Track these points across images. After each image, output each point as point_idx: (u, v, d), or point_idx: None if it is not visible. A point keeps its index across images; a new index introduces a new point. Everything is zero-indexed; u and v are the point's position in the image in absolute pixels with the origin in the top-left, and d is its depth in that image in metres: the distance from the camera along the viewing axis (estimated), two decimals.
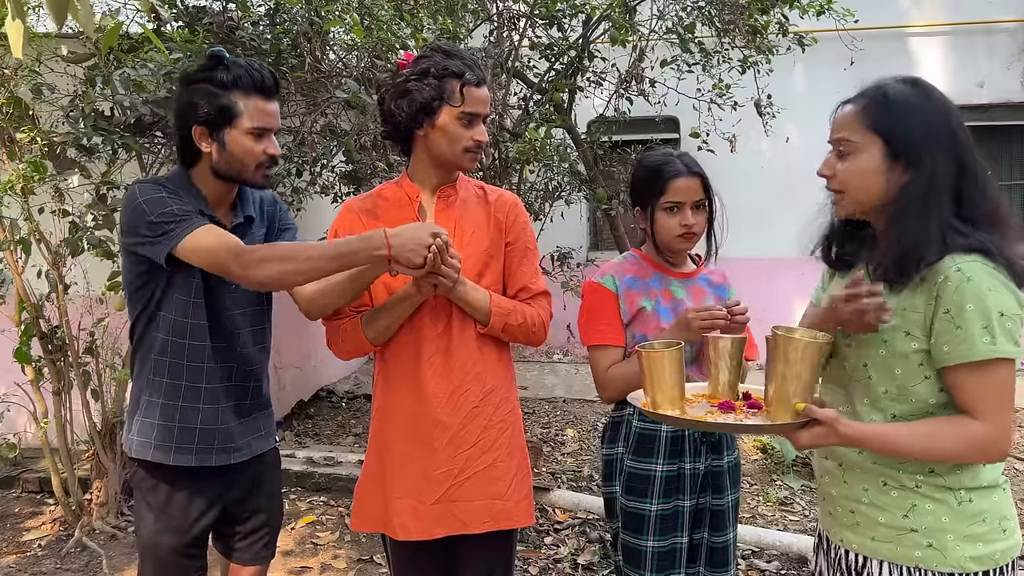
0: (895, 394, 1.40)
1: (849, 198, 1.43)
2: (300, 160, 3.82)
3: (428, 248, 1.63)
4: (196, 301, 1.85)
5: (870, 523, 1.44)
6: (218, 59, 1.79)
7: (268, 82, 1.81)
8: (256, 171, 1.83)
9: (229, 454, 1.93)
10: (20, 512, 3.99)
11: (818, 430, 1.34)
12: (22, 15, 1.49)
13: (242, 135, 1.79)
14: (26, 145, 3.27)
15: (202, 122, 1.78)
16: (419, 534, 1.84)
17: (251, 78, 1.78)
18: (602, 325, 2.01)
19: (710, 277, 2.08)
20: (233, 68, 1.78)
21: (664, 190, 1.94)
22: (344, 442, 4.96)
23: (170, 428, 1.87)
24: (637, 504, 1.99)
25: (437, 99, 1.79)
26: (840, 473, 1.49)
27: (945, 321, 1.32)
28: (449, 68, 1.79)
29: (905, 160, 1.36)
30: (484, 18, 4.47)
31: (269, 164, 1.85)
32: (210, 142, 1.80)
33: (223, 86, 1.77)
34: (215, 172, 1.84)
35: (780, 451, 4.45)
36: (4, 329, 3.74)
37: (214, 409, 1.90)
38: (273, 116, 1.83)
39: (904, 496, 1.41)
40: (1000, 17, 6.65)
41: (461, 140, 1.82)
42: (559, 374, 6.76)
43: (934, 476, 1.39)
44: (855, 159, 1.40)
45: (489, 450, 1.87)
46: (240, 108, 1.77)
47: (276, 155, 1.85)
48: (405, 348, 1.87)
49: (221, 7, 3.65)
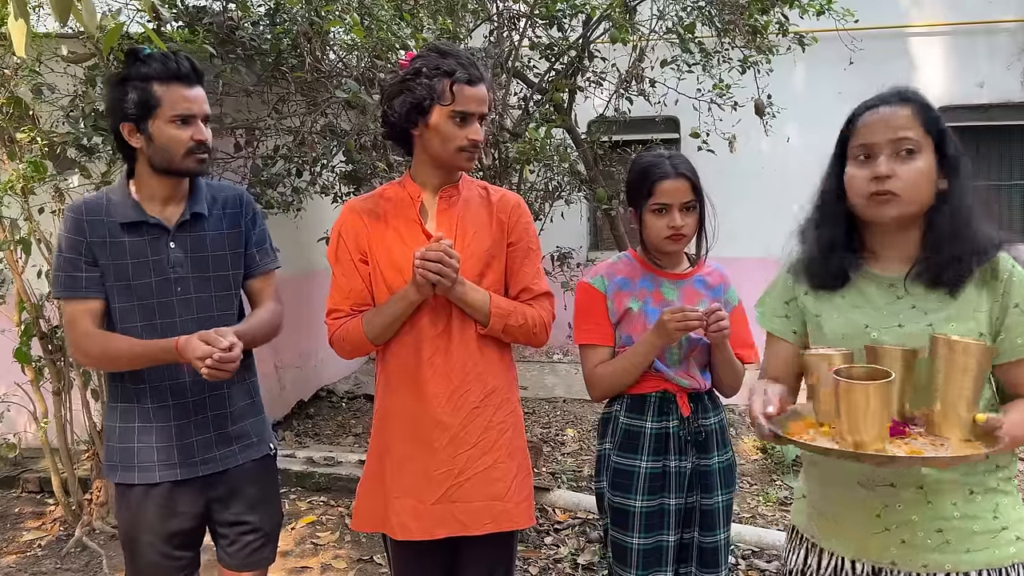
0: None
1: (906, 200, 1.38)
2: (300, 160, 3.82)
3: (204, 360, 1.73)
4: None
5: (963, 536, 1.40)
6: (134, 54, 1.83)
7: (184, 69, 1.83)
8: (186, 158, 1.85)
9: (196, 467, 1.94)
10: (20, 512, 3.98)
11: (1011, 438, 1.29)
12: (25, 15, 1.49)
13: (165, 124, 1.82)
14: (26, 145, 3.27)
15: (127, 118, 1.82)
16: (419, 534, 1.84)
17: (166, 68, 1.81)
18: (590, 324, 2.04)
19: (706, 279, 2.07)
20: (149, 61, 1.81)
21: (652, 191, 1.94)
22: (344, 442, 4.96)
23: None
24: (622, 500, 2.01)
25: (428, 98, 1.79)
26: (922, 496, 1.42)
27: (1016, 315, 1.37)
28: (440, 67, 1.79)
29: (948, 165, 1.40)
30: (484, 18, 4.47)
31: (199, 150, 1.86)
32: (138, 136, 1.84)
33: (141, 79, 1.80)
34: (151, 165, 1.87)
35: (780, 451, 4.45)
36: (4, 329, 3.74)
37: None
38: (194, 102, 1.85)
39: (989, 497, 1.42)
40: (1000, 17, 6.65)
41: (454, 139, 1.82)
42: (559, 374, 6.76)
43: (1001, 470, 1.43)
44: (917, 159, 1.38)
45: (489, 451, 1.87)
46: (159, 98, 1.80)
47: (204, 140, 1.86)
48: (405, 348, 1.86)
49: (221, 7, 3.65)
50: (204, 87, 1.90)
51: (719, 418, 2.07)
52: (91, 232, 1.85)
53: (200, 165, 1.88)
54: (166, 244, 1.89)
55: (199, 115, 1.85)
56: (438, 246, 1.72)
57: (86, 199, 1.92)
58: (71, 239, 1.85)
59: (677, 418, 1.99)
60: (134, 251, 1.86)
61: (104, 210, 1.87)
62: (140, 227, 1.87)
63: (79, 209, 1.88)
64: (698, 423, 2.01)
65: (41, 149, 3.19)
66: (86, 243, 1.85)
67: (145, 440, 1.90)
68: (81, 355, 1.91)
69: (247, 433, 2.02)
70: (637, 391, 2.02)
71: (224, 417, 1.97)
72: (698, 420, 2.01)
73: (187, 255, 1.91)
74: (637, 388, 2.02)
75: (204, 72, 1.91)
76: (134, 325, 1.86)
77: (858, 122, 1.44)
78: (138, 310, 1.87)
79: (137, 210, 1.87)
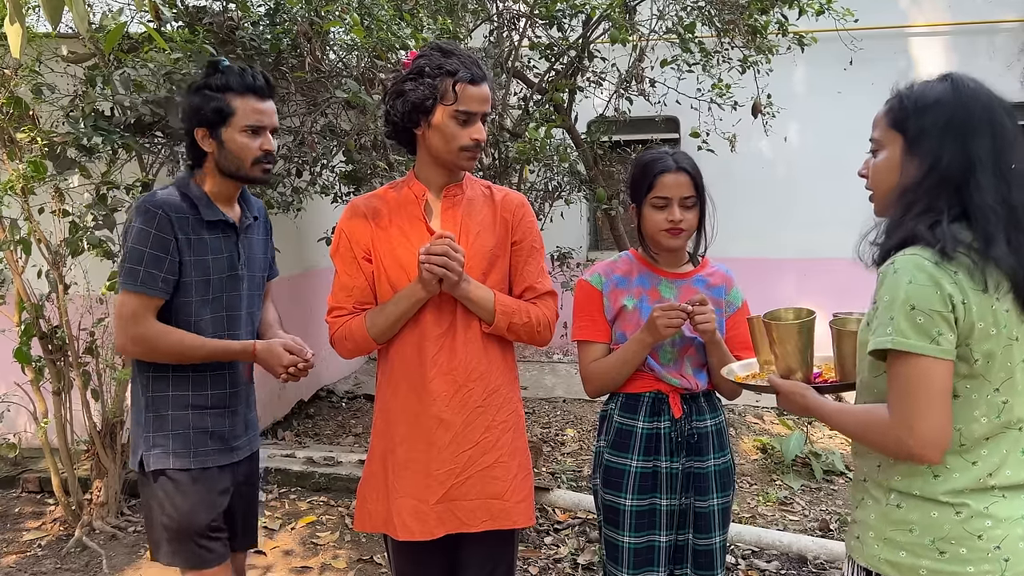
0: (863, 386, 1.45)
1: (876, 194, 1.46)
2: (300, 160, 3.82)
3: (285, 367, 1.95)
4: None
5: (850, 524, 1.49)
6: (214, 66, 1.97)
7: (259, 83, 1.97)
8: (253, 166, 1.98)
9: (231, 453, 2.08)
10: (20, 512, 3.98)
11: (785, 391, 1.54)
12: (21, 17, 1.50)
13: (237, 132, 1.94)
14: (26, 145, 3.27)
15: (202, 123, 1.94)
16: (421, 534, 1.84)
17: (243, 80, 1.94)
18: (586, 321, 2.05)
19: (708, 278, 2.07)
20: (227, 72, 1.95)
21: (652, 185, 1.95)
22: (344, 442, 4.97)
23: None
24: (613, 498, 2.02)
25: (431, 98, 1.80)
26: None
27: (875, 311, 1.34)
28: (443, 66, 1.80)
29: (920, 152, 1.36)
30: (484, 18, 4.47)
31: (266, 159, 1.98)
32: (211, 141, 1.95)
33: (219, 89, 1.93)
34: (219, 169, 1.98)
35: (780, 451, 4.45)
36: (4, 329, 3.74)
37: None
38: (265, 114, 1.98)
39: (857, 489, 1.47)
40: (1000, 17, 6.65)
41: (457, 138, 1.82)
42: (559, 374, 6.76)
43: (878, 472, 1.41)
44: (878, 157, 1.44)
45: (491, 450, 1.87)
46: (234, 108, 1.93)
47: (271, 150, 1.99)
48: (409, 346, 1.87)
49: (221, 7, 3.65)
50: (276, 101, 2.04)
51: (716, 421, 2.05)
52: (180, 230, 1.92)
53: (265, 174, 2.02)
54: (236, 243, 2.02)
55: (269, 127, 1.98)
56: (442, 241, 1.73)
57: (162, 196, 1.97)
58: (159, 236, 1.90)
59: (668, 419, 1.99)
60: (215, 247, 1.98)
61: (185, 208, 1.95)
62: (219, 225, 1.98)
63: (163, 205, 1.92)
64: (691, 425, 2.00)
65: (41, 149, 3.19)
66: (175, 241, 1.91)
67: (200, 425, 2.00)
68: (143, 348, 1.93)
69: (256, 423, 2.18)
70: (631, 390, 2.02)
71: (249, 406, 2.13)
72: (691, 422, 2.00)
73: (246, 255, 2.05)
74: (631, 387, 2.02)
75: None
76: (204, 318, 1.98)
77: None
78: (211, 303, 1.98)
79: (215, 209, 1.98)
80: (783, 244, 6.77)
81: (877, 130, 1.44)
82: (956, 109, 1.34)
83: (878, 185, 1.45)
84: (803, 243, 6.69)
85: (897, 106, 1.41)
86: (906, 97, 1.40)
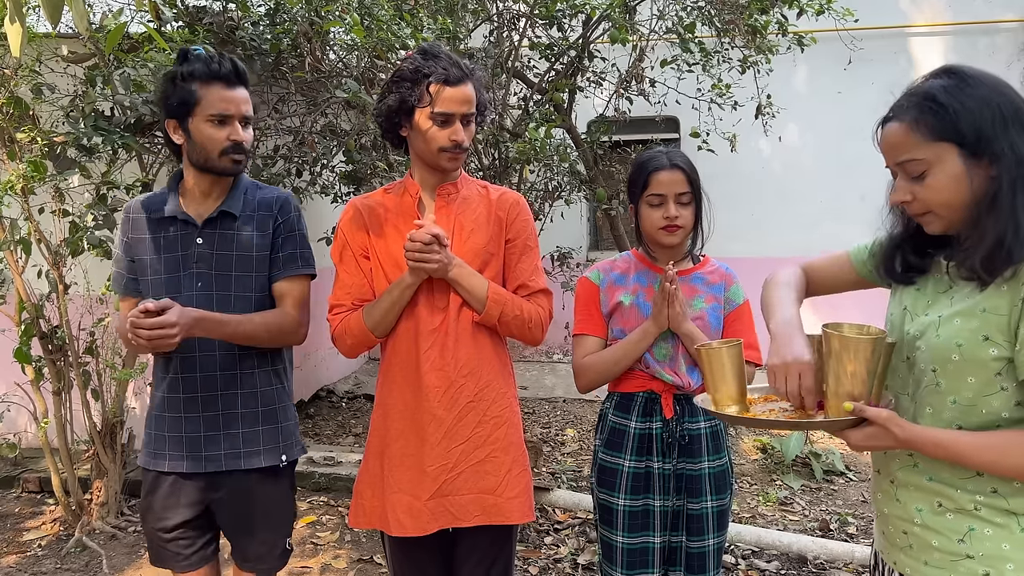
0: (965, 405, 1.26)
1: (939, 215, 1.29)
2: (300, 160, 3.82)
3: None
4: None
5: (923, 546, 1.32)
6: (184, 54, 1.88)
7: (225, 69, 1.86)
8: (221, 157, 1.89)
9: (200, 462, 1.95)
10: (20, 512, 3.99)
11: (870, 430, 1.25)
12: (21, 17, 1.50)
13: (203, 122, 1.86)
14: (26, 145, 3.27)
15: (171, 115, 1.88)
16: (414, 531, 1.85)
17: (208, 68, 1.84)
18: (583, 315, 2.08)
19: (707, 276, 2.07)
20: (193, 60, 1.86)
21: (648, 183, 1.96)
22: (344, 442, 4.97)
23: None
24: (607, 497, 2.03)
25: (409, 100, 1.83)
26: (892, 490, 1.38)
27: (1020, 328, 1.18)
28: (420, 69, 1.82)
29: (988, 155, 1.22)
30: (484, 18, 4.47)
31: (234, 150, 1.89)
32: (180, 133, 1.90)
33: (186, 78, 1.85)
34: (191, 162, 1.93)
35: (780, 451, 4.45)
36: (4, 329, 3.74)
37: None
38: (232, 102, 1.87)
39: (960, 519, 1.27)
40: (1000, 17, 6.65)
41: (436, 140, 1.84)
42: (559, 374, 6.76)
43: (996, 497, 1.25)
44: (932, 176, 1.26)
45: (483, 445, 1.88)
46: (199, 97, 1.84)
47: (240, 140, 1.89)
48: (405, 341, 1.89)
49: (221, 7, 3.65)
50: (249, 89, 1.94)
51: (711, 423, 2.03)
52: (132, 229, 1.94)
53: (235, 165, 1.93)
54: (194, 240, 1.92)
55: (236, 116, 1.88)
56: (416, 233, 1.76)
57: (144, 196, 2.01)
58: (120, 238, 1.98)
59: (660, 420, 2.00)
60: (166, 246, 1.93)
61: (147, 207, 1.95)
62: (172, 222, 1.93)
63: (131, 205, 1.98)
64: (683, 427, 2.00)
65: (41, 149, 3.19)
66: (125, 241, 1.94)
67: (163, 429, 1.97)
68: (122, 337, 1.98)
69: (256, 439, 1.97)
70: (625, 389, 2.04)
71: (234, 418, 1.95)
72: (683, 423, 2.00)
73: (213, 252, 1.93)
74: (625, 386, 2.03)
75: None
76: None
77: None
78: None
79: (172, 205, 1.93)
80: (782, 244, 6.77)
81: (913, 150, 1.26)
82: (993, 95, 1.25)
83: (945, 205, 1.26)
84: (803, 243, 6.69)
85: (933, 115, 1.25)
86: (939, 103, 1.25)
